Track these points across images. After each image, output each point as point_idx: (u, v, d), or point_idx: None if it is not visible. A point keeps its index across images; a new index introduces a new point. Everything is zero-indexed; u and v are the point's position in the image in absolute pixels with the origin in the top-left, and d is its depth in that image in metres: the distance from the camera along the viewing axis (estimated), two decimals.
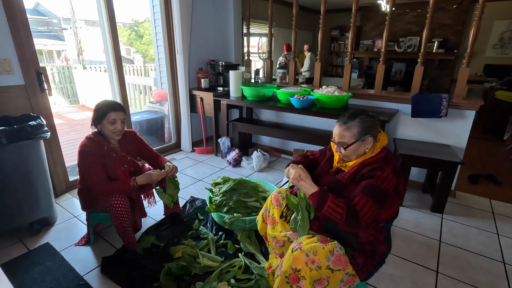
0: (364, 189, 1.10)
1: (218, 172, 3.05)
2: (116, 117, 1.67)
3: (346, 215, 1.07)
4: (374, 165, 1.16)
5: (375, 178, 1.11)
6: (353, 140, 1.20)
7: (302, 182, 1.20)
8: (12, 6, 2.01)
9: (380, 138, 1.24)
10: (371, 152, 1.21)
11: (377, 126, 1.23)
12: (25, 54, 2.13)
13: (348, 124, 1.21)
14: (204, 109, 3.38)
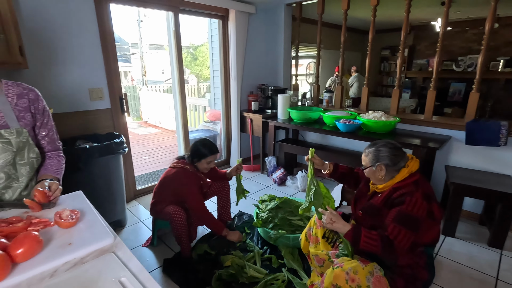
0: (396, 218, 1.18)
1: (264, 189, 3.22)
2: (212, 159, 2.05)
3: (381, 246, 1.17)
4: (404, 190, 1.26)
5: (405, 205, 1.20)
6: (369, 164, 1.40)
7: (335, 225, 1.34)
8: (106, 40, 2.50)
9: (409, 164, 1.34)
10: (400, 176, 1.32)
11: (392, 157, 1.35)
12: (112, 83, 2.61)
13: (367, 151, 1.44)
14: (253, 129, 3.63)
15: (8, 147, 0.94)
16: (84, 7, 2.32)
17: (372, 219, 1.35)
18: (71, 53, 2.32)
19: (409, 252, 1.23)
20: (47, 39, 2.18)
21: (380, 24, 2.93)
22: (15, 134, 0.96)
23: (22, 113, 1.02)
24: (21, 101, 1.02)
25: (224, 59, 3.60)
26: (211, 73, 4.88)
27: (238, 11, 3.29)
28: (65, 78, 2.32)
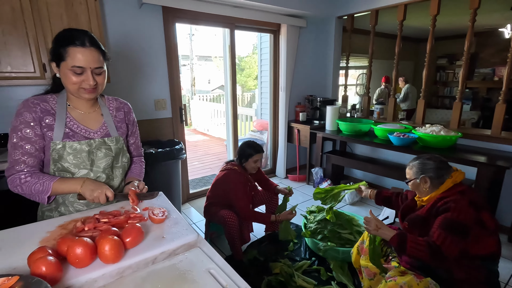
0: (442, 224, 1.19)
1: (310, 200, 3.22)
2: (258, 158, 2.16)
3: (429, 251, 1.17)
4: (448, 199, 1.25)
5: (450, 211, 1.20)
6: (413, 177, 1.43)
7: (380, 231, 1.37)
8: (171, 56, 2.78)
9: (454, 175, 1.35)
10: (444, 187, 1.33)
11: (437, 170, 1.37)
12: (174, 95, 2.87)
13: (411, 164, 1.48)
14: (300, 140, 3.67)
15: (109, 152, 1.13)
16: (155, 27, 2.62)
17: (418, 229, 1.36)
18: (142, 68, 2.63)
19: (463, 263, 1.20)
20: (124, 56, 2.50)
21: (437, 31, 2.79)
22: (115, 142, 1.14)
23: (120, 124, 1.18)
24: (119, 113, 1.20)
25: (274, 71, 3.72)
26: (259, 84, 5.06)
27: (289, 26, 3.41)
28: (136, 90, 2.63)
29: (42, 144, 1.02)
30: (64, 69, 0.97)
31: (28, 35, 1.87)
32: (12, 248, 0.80)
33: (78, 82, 0.99)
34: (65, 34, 0.98)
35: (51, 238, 0.85)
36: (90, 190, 0.98)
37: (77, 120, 1.08)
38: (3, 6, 1.76)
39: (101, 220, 0.90)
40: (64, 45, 0.96)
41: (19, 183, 0.98)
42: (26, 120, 0.99)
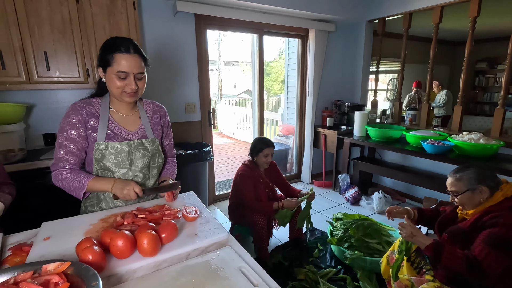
0: (486, 239, 1.11)
1: (336, 207, 3.16)
2: (268, 152, 2.15)
3: (467, 265, 1.10)
4: (497, 213, 1.16)
5: (498, 227, 1.11)
6: (465, 189, 1.30)
7: (415, 238, 1.30)
8: (202, 62, 2.87)
9: (504, 188, 1.25)
10: (493, 201, 1.23)
11: (494, 177, 1.27)
12: (204, 99, 2.96)
13: (459, 174, 1.34)
14: (326, 145, 3.62)
15: (146, 153, 1.18)
16: (187, 34, 2.73)
17: (460, 243, 1.28)
18: (175, 73, 2.74)
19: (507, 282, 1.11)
20: (158, 61, 2.63)
21: (476, 34, 2.63)
22: (151, 143, 1.18)
23: (155, 126, 1.24)
24: (155, 116, 1.25)
25: (301, 76, 3.71)
26: (285, 88, 5.06)
27: (318, 30, 3.39)
28: (168, 93, 2.75)
29: (85, 145, 1.11)
30: (110, 74, 1.05)
31: (75, 43, 2.03)
32: (60, 238, 0.87)
33: (122, 86, 1.06)
34: (112, 42, 1.05)
35: (94, 230, 0.91)
36: (119, 189, 1.04)
37: (118, 122, 1.16)
38: (55, 15, 1.94)
39: (138, 215, 0.95)
40: (111, 52, 1.03)
41: (60, 179, 1.08)
42: (72, 122, 1.07)
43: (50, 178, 1.87)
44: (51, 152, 2.00)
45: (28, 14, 1.87)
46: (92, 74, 2.13)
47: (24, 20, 1.86)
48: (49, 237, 0.87)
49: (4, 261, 0.78)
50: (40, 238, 0.86)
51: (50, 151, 2.06)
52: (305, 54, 3.61)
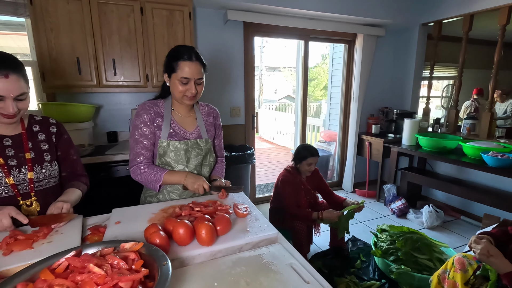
0: None
1: (381, 218, 3.01)
2: (312, 162, 2.15)
3: None
4: None
5: None
6: None
7: (492, 259, 1.15)
8: (248, 67, 2.97)
9: None
10: None
11: None
12: (248, 103, 3.05)
13: None
14: (371, 153, 3.48)
15: (200, 152, 1.28)
16: (236, 41, 2.86)
17: None
18: (223, 78, 2.88)
19: None
20: (209, 66, 2.77)
21: None
22: (205, 143, 1.29)
23: (209, 127, 1.34)
24: (209, 118, 1.36)
25: (347, 82, 3.63)
26: (329, 94, 4.98)
27: (366, 35, 3.31)
28: (216, 97, 2.89)
29: (154, 141, 1.24)
30: (174, 79, 1.17)
31: (138, 51, 2.25)
32: (128, 223, 0.98)
33: (183, 90, 1.17)
34: (177, 50, 1.17)
35: (156, 219, 1.01)
36: (191, 182, 1.16)
37: (178, 123, 1.27)
38: (123, 27, 2.17)
39: (194, 208, 1.03)
40: (176, 60, 1.15)
41: (139, 173, 1.21)
42: (144, 120, 1.21)
43: (113, 171, 2.10)
44: (114, 148, 2.23)
45: (102, 26, 2.12)
46: (151, 79, 2.34)
47: (98, 31, 2.12)
48: (119, 222, 0.98)
49: (85, 239, 0.91)
50: (112, 222, 0.97)
51: (113, 147, 2.29)
52: (351, 59, 3.54)
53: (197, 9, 2.65)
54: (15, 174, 1.02)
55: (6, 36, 2.80)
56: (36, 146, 1.08)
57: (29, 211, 1.04)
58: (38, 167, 1.06)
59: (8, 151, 1.03)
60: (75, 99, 2.39)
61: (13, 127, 1.06)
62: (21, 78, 0.94)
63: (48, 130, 1.14)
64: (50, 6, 1.99)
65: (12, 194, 1.01)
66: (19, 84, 0.93)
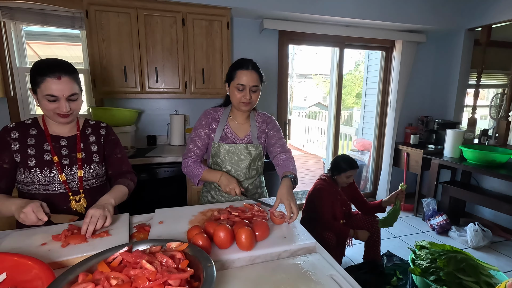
0: None
1: (419, 234, 2.84)
2: (351, 174, 2.11)
3: None
4: None
5: None
6: None
7: None
8: (282, 75, 2.99)
9: None
10: None
11: None
12: (281, 111, 3.06)
13: None
14: (409, 164, 3.31)
15: (248, 156, 1.37)
16: (271, 49, 2.90)
17: None
18: None
19: None
20: None
21: None
22: (255, 148, 1.38)
23: (261, 134, 1.42)
24: (262, 125, 1.43)
25: (383, 89, 3.51)
26: (363, 102, 4.85)
27: (406, 42, 3.19)
28: None
29: (207, 142, 1.39)
30: (232, 86, 1.30)
31: (178, 59, 2.37)
32: (171, 223, 1.02)
33: (240, 97, 1.28)
34: (237, 62, 1.31)
35: (195, 221, 1.05)
36: (224, 184, 1.25)
37: (232, 128, 1.39)
38: (166, 37, 2.30)
39: (232, 212, 1.06)
40: (234, 69, 1.29)
41: (186, 165, 1.36)
42: (201, 123, 1.38)
43: (153, 173, 2.21)
44: (153, 151, 2.35)
45: (147, 36, 2.27)
46: (189, 86, 2.44)
47: (143, 41, 2.26)
48: (162, 222, 1.03)
49: (132, 236, 0.97)
50: (156, 222, 1.03)
51: (152, 150, 2.42)
52: (388, 66, 3.42)
53: (234, 19, 2.73)
54: (67, 172, 1.11)
55: (61, 47, 3.09)
56: (87, 147, 1.18)
57: (78, 206, 1.14)
58: (87, 167, 1.16)
59: (63, 151, 1.13)
60: (120, 104, 2.56)
61: (69, 128, 1.17)
62: (73, 80, 1.04)
63: (99, 132, 1.24)
64: (103, 19, 2.17)
65: (64, 191, 1.11)
66: (71, 86, 1.03)
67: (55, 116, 1.05)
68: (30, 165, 1.07)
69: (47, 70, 0.99)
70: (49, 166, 1.09)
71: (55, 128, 1.14)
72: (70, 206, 1.12)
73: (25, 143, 1.09)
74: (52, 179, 1.09)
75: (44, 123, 1.13)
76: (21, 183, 1.09)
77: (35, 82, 1.01)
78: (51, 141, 1.11)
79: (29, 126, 1.12)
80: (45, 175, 1.08)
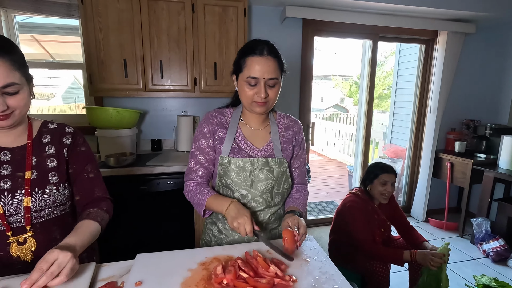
0: None
1: (469, 262, 2.36)
2: (388, 180, 1.67)
3: None
4: None
5: None
6: None
7: None
8: (305, 70, 2.60)
9: None
10: None
11: None
12: (304, 112, 2.68)
13: None
14: (453, 176, 2.83)
15: (270, 175, 0.98)
16: (293, 41, 2.52)
17: None
18: None
19: None
20: None
21: None
22: (278, 164, 0.99)
23: (286, 145, 1.04)
24: (287, 133, 1.05)
25: (421, 89, 3.05)
26: (392, 103, 4.38)
27: (451, 33, 2.72)
28: None
29: (213, 156, 1.02)
30: (241, 80, 0.94)
31: (187, 51, 2.04)
32: (154, 285, 0.67)
33: (251, 95, 0.92)
34: (247, 44, 0.95)
35: (192, 282, 0.68)
36: (231, 216, 0.86)
37: (245, 136, 1.02)
38: (173, 26, 1.97)
39: (240, 272, 0.69)
40: (244, 55, 0.92)
41: (188, 190, 1.01)
42: (203, 132, 1.00)
43: (153, 185, 1.86)
44: (157, 158, 2.02)
45: (151, 24, 1.94)
46: (199, 83, 2.10)
47: (146, 30, 1.94)
48: (141, 282, 0.67)
49: None
50: (132, 282, 0.67)
51: (155, 156, 2.09)
52: (429, 62, 2.95)
53: (252, 7, 2.38)
54: (6, 200, 0.76)
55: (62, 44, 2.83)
56: (41, 163, 0.82)
57: (22, 251, 0.77)
58: (38, 192, 0.79)
59: (3, 169, 0.77)
60: (121, 104, 2.26)
61: (15, 136, 0.81)
62: (9, 64, 0.69)
63: (61, 141, 0.87)
64: (101, 5, 1.86)
65: (2, 228, 0.75)
66: (5, 72, 0.68)
67: None
68: None
69: None
70: None
71: None
72: (10, 251, 0.76)
73: None
74: None
75: None
76: None
77: None
78: None
79: None
80: None
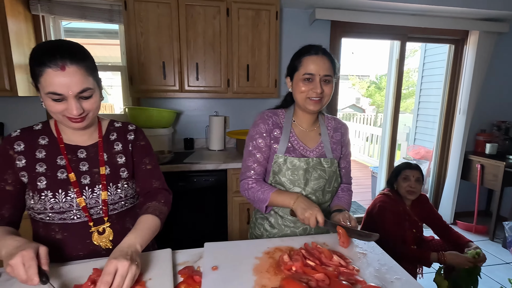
0: None
1: (502, 266, 2.32)
2: (409, 174, 1.69)
3: None
4: None
5: None
6: None
7: None
8: None
9: None
10: None
11: None
12: (331, 112, 2.70)
13: None
14: (483, 178, 2.78)
15: (323, 174, 1.03)
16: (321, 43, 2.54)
17: None
18: None
19: None
20: None
21: None
22: (330, 164, 1.04)
23: (335, 146, 1.09)
24: (336, 134, 1.11)
25: (450, 89, 3.00)
26: (416, 103, 4.33)
27: (483, 32, 2.67)
28: None
29: (268, 155, 1.06)
30: (296, 79, 0.99)
31: (221, 54, 2.11)
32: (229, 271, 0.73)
33: (307, 90, 0.97)
34: (301, 48, 1.01)
35: (263, 268, 0.74)
36: (301, 208, 0.90)
37: (298, 136, 1.06)
38: (208, 28, 2.06)
39: (307, 258, 0.75)
40: (299, 57, 0.99)
41: (247, 188, 1.04)
42: (260, 131, 1.04)
43: (191, 181, 1.96)
44: (191, 156, 2.11)
45: (188, 28, 2.04)
46: (231, 84, 2.18)
47: (184, 34, 2.04)
48: (217, 267, 0.74)
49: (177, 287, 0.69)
50: (208, 266, 0.74)
51: (190, 155, 2.18)
52: (458, 62, 2.91)
53: (283, 9, 2.43)
54: (88, 194, 0.82)
55: (98, 47, 2.98)
56: (112, 159, 0.88)
57: (102, 240, 0.84)
58: (113, 186, 0.85)
59: (82, 165, 0.84)
60: (157, 104, 2.37)
61: (89, 135, 0.87)
62: (84, 70, 0.73)
63: (125, 138, 0.92)
64: (142, 11, 1.97)
65: (84, 220, 0.82)
66: (81, 78, 0.72)
67: (65, 120, 0.77)
68: (40, 187, 0.79)
69: (45, 56, 0.69)
70: (64, 188, 0.80)
71: (71, 135, 0.85)
72: (92, 240, 0.83)
73: (33, 156, 0.80)
74: (69, 205, 0.80)
75: (57, 129, 0.84)
76: (31, 209, 0.82)
77: (34, 75, 0.72)
78: (67, 152, 0.83)
79: (38, 134, 0.83)
80: (59, 200, 0.79)
